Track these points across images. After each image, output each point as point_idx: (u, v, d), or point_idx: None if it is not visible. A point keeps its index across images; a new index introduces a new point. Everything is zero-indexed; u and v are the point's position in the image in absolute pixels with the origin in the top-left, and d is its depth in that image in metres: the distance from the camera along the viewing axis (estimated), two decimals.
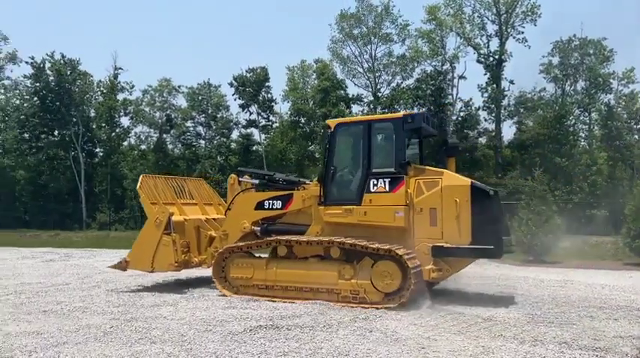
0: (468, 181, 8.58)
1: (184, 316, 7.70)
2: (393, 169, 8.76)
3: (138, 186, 10.78)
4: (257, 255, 9.90)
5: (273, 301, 8.79)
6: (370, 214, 8.75)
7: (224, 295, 9.40)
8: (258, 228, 9.83)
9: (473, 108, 33.73)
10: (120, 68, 39.38)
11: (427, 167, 9.12)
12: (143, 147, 41.35)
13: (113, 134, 38.67)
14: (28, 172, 38.30)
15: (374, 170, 8.88)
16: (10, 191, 40.09)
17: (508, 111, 33.58)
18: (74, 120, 36.70)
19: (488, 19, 32.02)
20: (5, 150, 40.97)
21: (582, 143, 33.52)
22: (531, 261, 16.25)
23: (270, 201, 9.82)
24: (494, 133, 33.21)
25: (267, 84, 36.10)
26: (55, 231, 31.13)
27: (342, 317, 7.50)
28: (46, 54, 36.76)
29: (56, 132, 37.95)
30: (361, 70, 35.29)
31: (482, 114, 33.58)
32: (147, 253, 10.24)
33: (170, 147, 39.97)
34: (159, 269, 10.37)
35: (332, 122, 9.56)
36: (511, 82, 32.22)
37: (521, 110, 33.79)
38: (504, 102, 32.69)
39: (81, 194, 36.14)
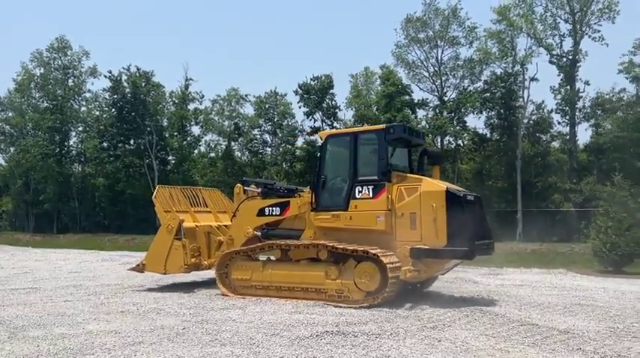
0: (443, 187, 9.04)
1: (252, 319, 7.84)
2: (376, 177, 9.37)
3: (153, 196, 11.67)
4: (264, 257, 10.64)
5: (328, 306, 8.82)
6: (355, 219, 9.41)
7: (226, 295, 10.04)
8: (260, 233, 10.55)
9: (545, 110, 32.30)
10: (190, 79, 40.87)
11: (408, 174, 9.69)
12: (212, 154, 42.65)
13: (184, 142, 40.12)
14: (106, 179, 40.43)
15: (359, 178, 9.53)
16: (91, 197, 42.54)
17: (583, 114, 31.77)
18: (148, 129, 38.39)
19: (561, 19, 30.62)
20: (86, 159, 43.54)
21: None
22: (611, 272, 15.34)
23: (270, 208, 10.62)
24: (568, 137, 31.64)
25: (331, 91, 36.30)
26: (131, 236, 32.65)
27: (409, 326, 7.37)
28: (123, 67, 38.78)
29: (132, 141, 39.85)
30: (427, 74, 34.70)
31: (556, 117, 32.04)
32: (160, 256, 11.13)
33: (238, 154, 40.99)
34: (171, 271, 11.19)
35: (323, 134, 10.33)
36: (586, 82, 30.58)
37: (599, 112, 31.98)
38: (579, 104, 31.03)
39: None
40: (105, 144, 40.20)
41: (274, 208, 10.55)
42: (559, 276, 14.19)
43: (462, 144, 34.59)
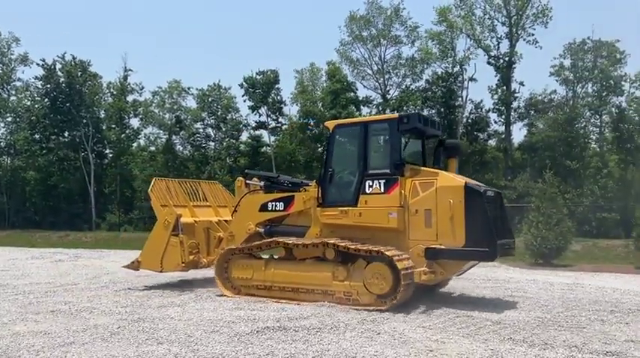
0: (462, 182, 8.38)
1: (191, 317, 7.70)
2: (388, 170, 8.70)
3: (150, 189, 10.98)
4: (266, 256, 9.99)
5: (279, 302, 8.79)
6: (365, 215, 8.72)
7: (224, 295, 9.49)
8: (263, 230, 9.91)
9: (483, 110, 33.55)
10: (130, 70, 39.53)
11: (423, 168, 9.01)
12: (152, 148, 41.48)
13: (123, 135, 38.80)
14: (38, 173, 38.54)
15: (370, 171, 8.85)
16: (21, 192, 40.40)
17: (518, 114, 33.35)
18: (84, 121, 36.86)
19: (499, 21, 31.86)
20: (16, 151, 41.28)
21: (593, 146, 33.20)
22: (541, 264, 16.13)
23: (274, 203, 9.91)
24: (504, 135, 33.01)
25: (277, 86, 36.11)
26: (65, 232, 31.28)
27: (350, 319, 7.45)
28: (57, 55, 36.92)
29: (66, 134, 38.12)
30: (370, 72, 35.22)
31: (493, 116, 33.40)
32: (156, 254, 10.50)
33: (179, 148, 40.08)
34: (167, 269, 10.58)
35: (331, 124, 9.60)
36: (521, 83, 32.08)
37: (532, 112, 33.55)
38: (514, 104, 32.47)
39: (90, 195, 36.29)
40: (37, 136, 38.22)
41: (278, 203, 9.83)
42: (493, 269, 14.76)
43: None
